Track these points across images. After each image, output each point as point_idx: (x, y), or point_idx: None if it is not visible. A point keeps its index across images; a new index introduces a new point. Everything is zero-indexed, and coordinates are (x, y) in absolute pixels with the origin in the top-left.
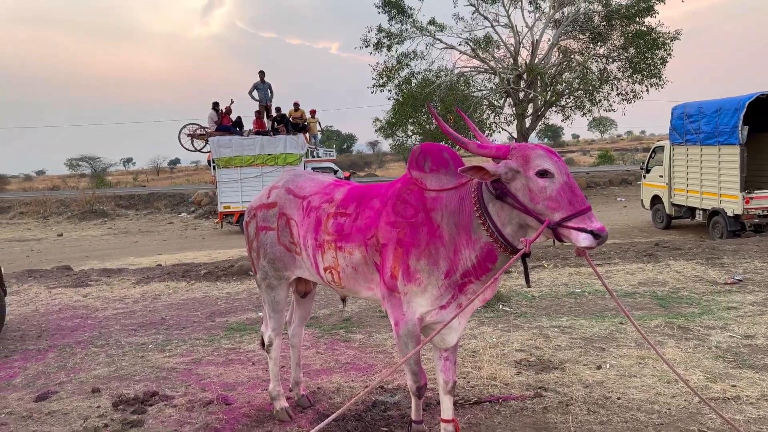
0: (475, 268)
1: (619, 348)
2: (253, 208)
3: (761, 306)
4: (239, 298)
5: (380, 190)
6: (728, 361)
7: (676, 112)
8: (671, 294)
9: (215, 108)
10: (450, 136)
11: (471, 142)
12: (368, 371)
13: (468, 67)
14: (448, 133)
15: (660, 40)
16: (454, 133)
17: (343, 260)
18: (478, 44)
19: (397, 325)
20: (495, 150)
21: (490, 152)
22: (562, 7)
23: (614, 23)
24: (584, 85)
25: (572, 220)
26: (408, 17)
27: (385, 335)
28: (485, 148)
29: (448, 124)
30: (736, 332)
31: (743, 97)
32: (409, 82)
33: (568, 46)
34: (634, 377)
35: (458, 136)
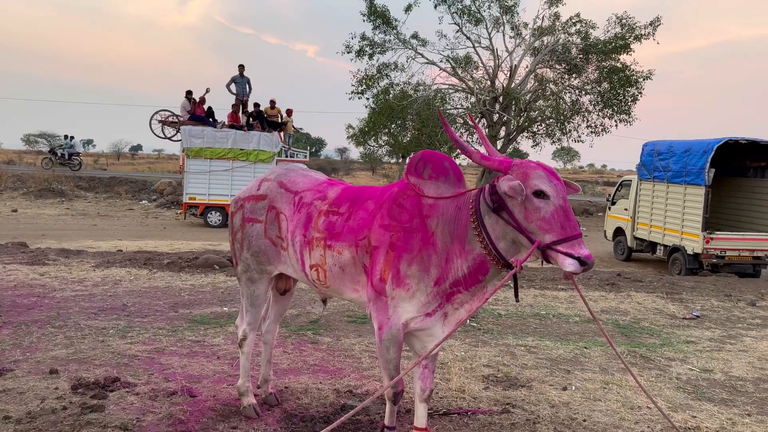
0: (465, 278)
1: (584, 371)
2: (241, 199)
3: (718, 342)
4: (203, 291)
5: (375, 192)
6: (688, 392)
7: (646, 148)
8: (633, 324)
9: (188, 97)
10: (456, 144)
11: (475, 151)
12: (336, 374)
13: (446, 84)
14: (455, 140)
15: (633, 77)
16: (460, 141)
17: (330, 259)
18: (459, 63)
19: (381, 329)
20: (498, 163)
21: (493, 164)
22: (541, 36)
23: (591, 57)
24: (556, 114)
25: (562, 244)
26: (392, 28)
27: (354, 340)
28: (488, 159)
29: (421, 139)
30: (695, 365)
31: (712, 141)
32: (387, 93)
33: (545, 75)
34: (599, 401)
35: (464, 144)
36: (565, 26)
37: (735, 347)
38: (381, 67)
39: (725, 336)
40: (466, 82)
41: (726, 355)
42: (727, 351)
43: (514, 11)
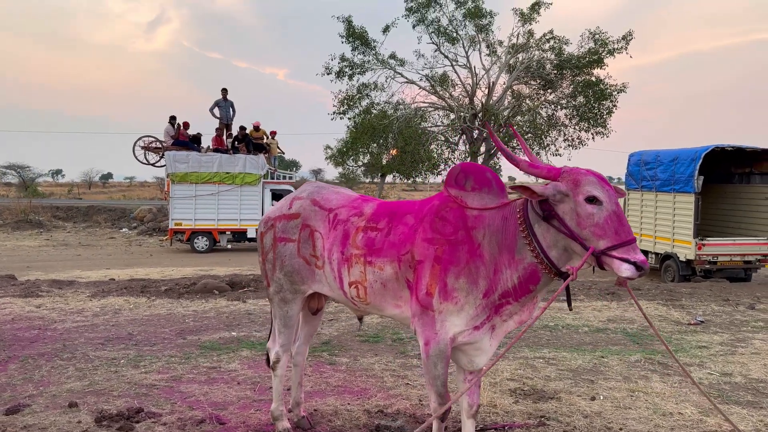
0: (515, 288)
1: (607, 381)
2: (272, 219)
3: (729, 346)
4: (207, 317)
5: (413, 206)
6: (714, 396)
7: (632, 159)
8: (641, 332)
9: (172, 122)
10: (504, 153)
11: (522, 160)
12: (363, 395)
13: (426, 103)
14: (502, 150)
15: (607, 91)
16: (507, 150)
17: (372, 275)
18: (437, 81)
19: (428, 344)
20: (546, 171)
21: (541, 172)
22: (516, 54)
23: (565, 72)
24: (533, 129)
25: (617, 249)
26: (371, 49)
27: (371, 359)
28: (536, 167)
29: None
30: (714, 370)
31: (700, 149)
32: (368, 112)
33: (521, 91)
34: (630, 409)
35: (511, 153)
36: (539, 43)
37: (747, 350)
38: (361, 88)
39: (734, 340)
40: (445, 100)
41: (740, 358)
42: (740, 354)
43: (489, 30)
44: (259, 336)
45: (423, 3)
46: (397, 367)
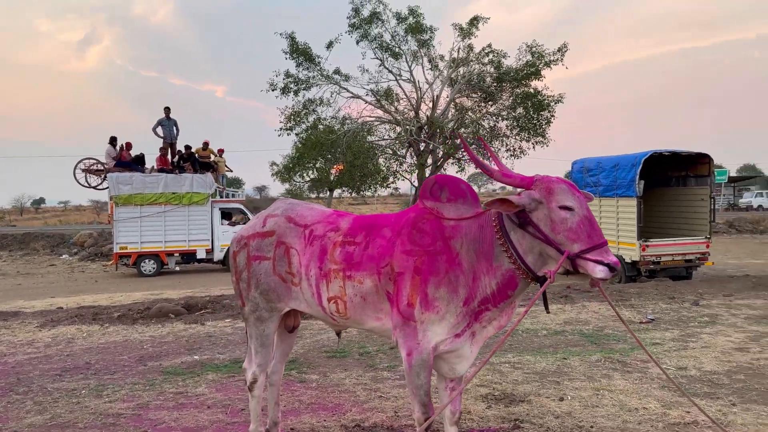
0: (494, 295)
1: (573, 381)
2: (245, 237)
3: (681, 342)
4: (166, 342)
5: (389, 219)
6: (674, 390)
7: (576, 166)
8: (597, 332)
9: (113, 143)
10: (477, 164)
11: (496, 170)
12: (338, 411)
13: (372, 117)
14: (475, 161)
15: (545, 102)
16: (481, 161)
17: (351, 289)
18: (383, 95)
19: (410, 354)
20: (519, 180)
21: (515, 181)
22: (457, 67)
23: (504, 85)
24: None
25: (591, 252)
26: (315, 65)
27: (341, 374)
28: (510, 177)
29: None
30: (669, 365)
31: (639, 154)
32: (315, 128)
33: (463, 104)
34: (597, 407)
35: (485, 164)
36: (478, 57)
37: (697, 344)
38: (307, 103)
39: (684, 335)
40: (391, 113)
41: (692, 352)
42: (692, 349)
43: (430, 44)
44: (223, 358)
45: (365, 19)
46: (368, 381)
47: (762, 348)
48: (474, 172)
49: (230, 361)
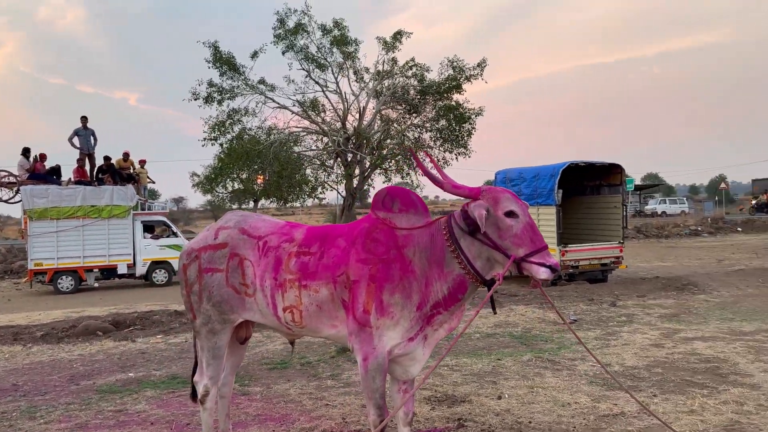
0: (445, 299)
1: (508, 380)
2: (195, 250)
3: (603, 340)
4: (97, 360)
5: (343, 230)
6: (600, 385)
7: (498, 176)
8: (526, 333)
9: (26, 154)
10: (428, 176)
11: (446, 182)
12: (286, 421)
13: (299, 128)
14: (425, 172)
15: (466, 114)
16: (432, 173)
17: (307, 298)
18: (309, 106)
19: (366, 359)
20: (468, 191)
21: (464, 192)
22: (382, 80)
23: (428, 97)
24: (402, 150)
25: (534, 255)
26: (240, 74)
27: (285, 385)
28: (459, 188)
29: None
30: (595, 362)
31: (558, 165)
32: (241, 138)
33: (389, 115)
34: (533, 404)
35: (435, 176)
36: (402, 70)
37: (618, 342)
38: (231, 113)
39: (606, 334)
40: (318, 124)
41: (614, 350)
42: (614, 346)
43: (355, 57)
44: (159, 375)
45: (291, 30)
46: (313, 390)
47: (675, 343)
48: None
49: (168, 377)
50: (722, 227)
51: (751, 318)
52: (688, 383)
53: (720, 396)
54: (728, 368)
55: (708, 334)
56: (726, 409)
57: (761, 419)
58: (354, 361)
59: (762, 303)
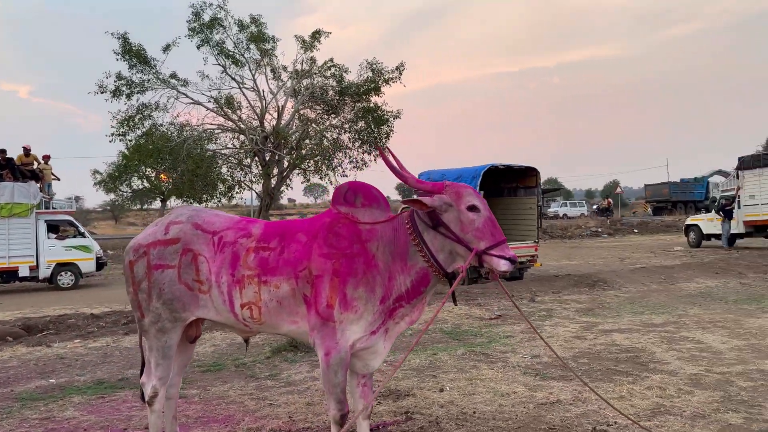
0: (408, 292)
1: (447, 374)
2: (143, 246)
3: (528, 334)
4: (11, 367)
5: (303, 225)
6: (533, 375)
7: (422, 177)
8: (456, 329)
9: None
10: (393, 171)
11: (411, 176)
12: (230, 422)
13: (214, 125)
14: (391, 168)
15: (384, 117)
16: (398, 169)
17: (267, 294)
18: (224, 103)
19: (329, 354)
20: (431, 186)
21: (427, 187)
22: (301, 79)
23: (346, 99)
24: (320, 151)
25: (494, 248)
26: (151, 68)
27: (222, 387)
28: (423, 183)
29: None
30: (525, 354)
31: (479, 167)
32: (151, 134)
33: (307, 115)
34: (474, 395)
35: (401, 171)
36: (321, 70)
37: (544, 335)
38: (141, 108)
39: (530, 328)
40: (235, 122)
41: (541, 342)
42: (539, 339)
43: (273, 54)
44: (84, 380)
45: (206, 24)
46: (253, 391)
47: (595, 335)
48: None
49: (94, 383)
50: (620, 228)
51: (659, 311)
52: (613, 372)
53: (644, 382)
54: (647, 357)
55: (623, 326)
56: (651, 394)
57: (682, 402)
58: (291, 361)
59: (666, 298)
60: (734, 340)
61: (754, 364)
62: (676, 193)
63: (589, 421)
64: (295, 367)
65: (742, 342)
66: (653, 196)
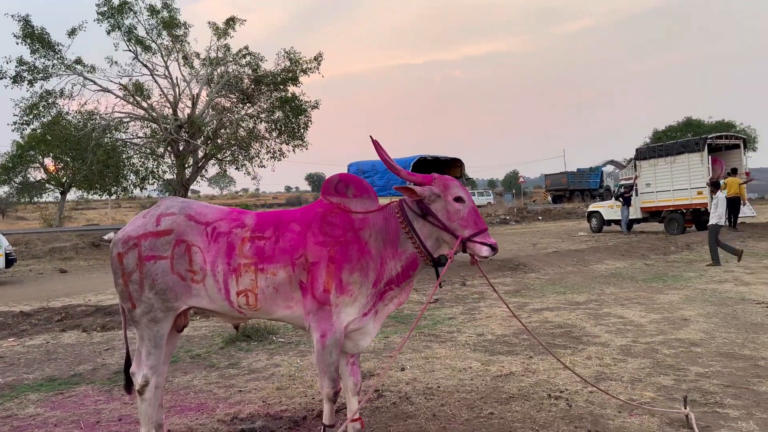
0: (398, 276)
1: (404, 354)
2: (134, 237)
3: (468, 315)
4: None
5: (295, 215)
6: (483, 352)
7: (351, 168)
8: (398, 313)
9: None
10: (387, 164)
11: (403, 169)
12: (203, 409)
13: (124, 113)
14: (385, 161)
15: (302, 107)
16: (392, 161)
17: (263, 281)
18: (136, 91)
19: (324, 336)
20: (421, 178)
21: (417, 179)
22: (215, 67)
23: (263, 88)
24: (236, 141)
25: (477, 236)
26: (55, 53)
27: (184, 378)
28: (414, 175)
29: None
30: (471, 333)
31: (409, 158)
32: (57, 123)
33: (223, 104)
34: (435, 371)
35: (394, 164)
36: (236, 58)
37: (482, 315)
38: (45, 95)
39: (468, 309)
40: (146, 110)
41: (482, 322)
42: (479, 319)
43: (185, 41)
44: (33, 378)
45: (116, 8)
46: (218, 379)
47: (529, 314)
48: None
49: (45, 380)
50: (526, 216)
51: (579, 291)
52: (552, 345)
53: (582, 354)
54: (579, 332)
55: (551, 305)
56: (591, 364)
57: (619, 369)
58: (246, 350)
59: (582, 278)
60: (651, 314)
61: (672, 334)
62: (573, 182)
63: (543, 389)
64: (252, 355)
65: (658, 315)
66: (553, 185)
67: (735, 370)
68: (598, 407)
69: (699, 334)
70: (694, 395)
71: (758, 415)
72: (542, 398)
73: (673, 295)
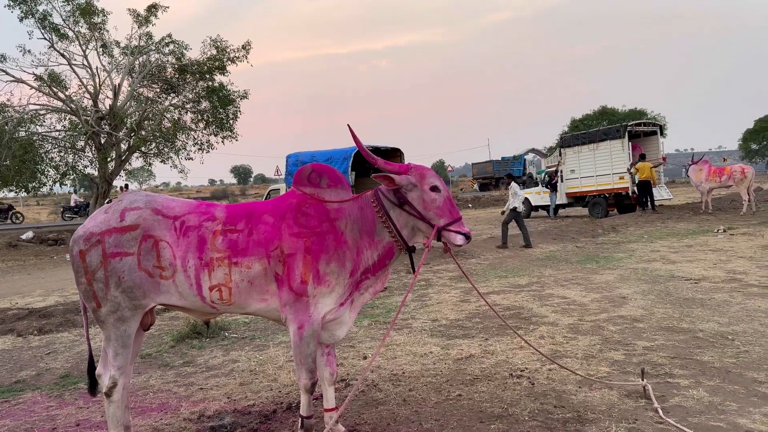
0: (374, 265)
1: (363, 343)
2: (96, 234)
3: (419, 302)
4: None
5: (267, 206)
6: (440, 337)
7: (290, 159)
8: None
9: None
10: (364, 153)
11: (379, 159)
12: (166, 409)
13: (38, 105)
14: (362, 149)
15: (230, 97)
16: (368, 152)
17: (238, 275)
18: (52, 81)
19: (302, 327)
20: (398, 167)
21: (394, 168)
22: (136, 56)
23: (188, 77)
24: (161, 133)
25: (452, 225)
26: None
27: (139, 378)
28: (390, 165)
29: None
30: (426, 319)
31: (349, 149)
32: None
33: (146, 94)
34: (396, 358)
35: (371, 153)
36: (158, 46)
37: (432, 302)
38: None
39: (418, 296)
40: (64, 101)
41: (434, 308)
42: (431, 305)
43: (103, 29)
44: None
45: None
46: (175, 378)
47: (477, 298)
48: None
49: None
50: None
51: (519, 274)
52: (505, 327)
53: (534, 333)
54: (527, 313)
55: (496, 288)
56: (545, 342)
57: (572, 346)
58: (199, 347)
59: (520, 262)
60: (591, 293)
61: (615, 311)
62: (498, 170)
63: (504, 369)
64: (206, 352)
65: (598, 295)
66: (479, 174)
67: (677, 342)
68: (559, 383)
69: (639, 311)
70: (646, 368)
71: (706, 383)
72: (505, 378)
73: (608, 275)
